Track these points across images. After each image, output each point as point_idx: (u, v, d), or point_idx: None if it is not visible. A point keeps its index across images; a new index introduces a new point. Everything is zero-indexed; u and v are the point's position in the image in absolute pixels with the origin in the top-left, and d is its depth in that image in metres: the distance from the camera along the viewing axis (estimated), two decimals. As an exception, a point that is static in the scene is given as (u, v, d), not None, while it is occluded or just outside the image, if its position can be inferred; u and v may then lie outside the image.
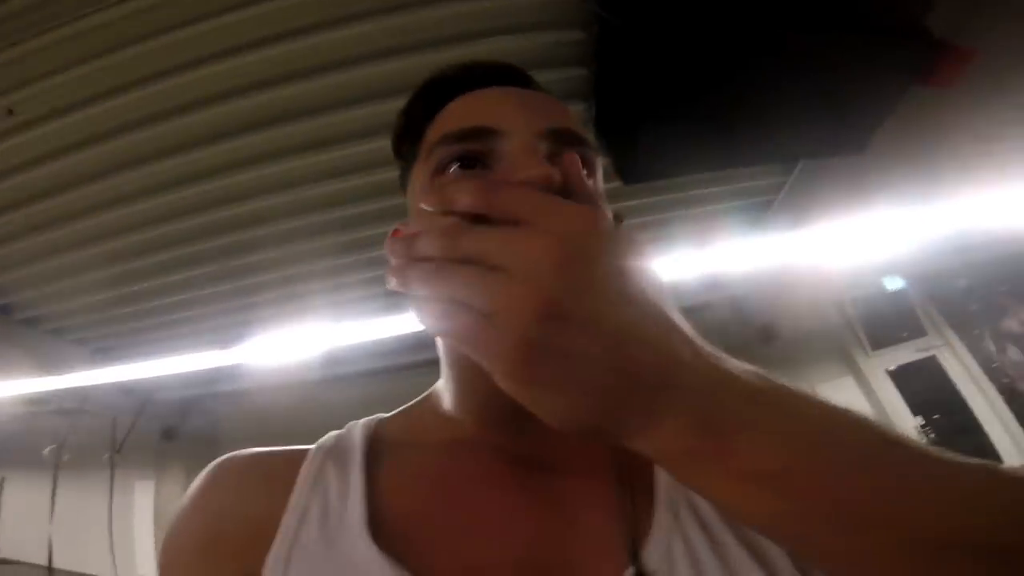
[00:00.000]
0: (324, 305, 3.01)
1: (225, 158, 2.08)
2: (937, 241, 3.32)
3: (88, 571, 4.27)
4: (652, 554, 0.39)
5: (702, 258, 3.00)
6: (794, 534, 0.29)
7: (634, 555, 0.38)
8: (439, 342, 0.49)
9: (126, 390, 4.10)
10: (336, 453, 0.48)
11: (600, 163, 0.48)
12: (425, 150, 0.46)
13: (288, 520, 0.42)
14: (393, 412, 0.54)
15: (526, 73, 0.52)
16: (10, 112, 1.72)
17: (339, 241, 2.59)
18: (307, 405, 4.06)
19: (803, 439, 0.28)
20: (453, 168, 0.43)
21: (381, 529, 0.41)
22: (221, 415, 4.78)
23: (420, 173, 0.47)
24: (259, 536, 0.42)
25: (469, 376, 0.46)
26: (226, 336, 3.28)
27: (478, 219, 0.31)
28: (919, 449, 0.30)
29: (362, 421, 0.53)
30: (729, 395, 0.29)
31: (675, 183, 2.45)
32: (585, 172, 0.42)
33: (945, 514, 0.27)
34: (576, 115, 0.52)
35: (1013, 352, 3.87)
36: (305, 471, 0.46)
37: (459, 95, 0.47)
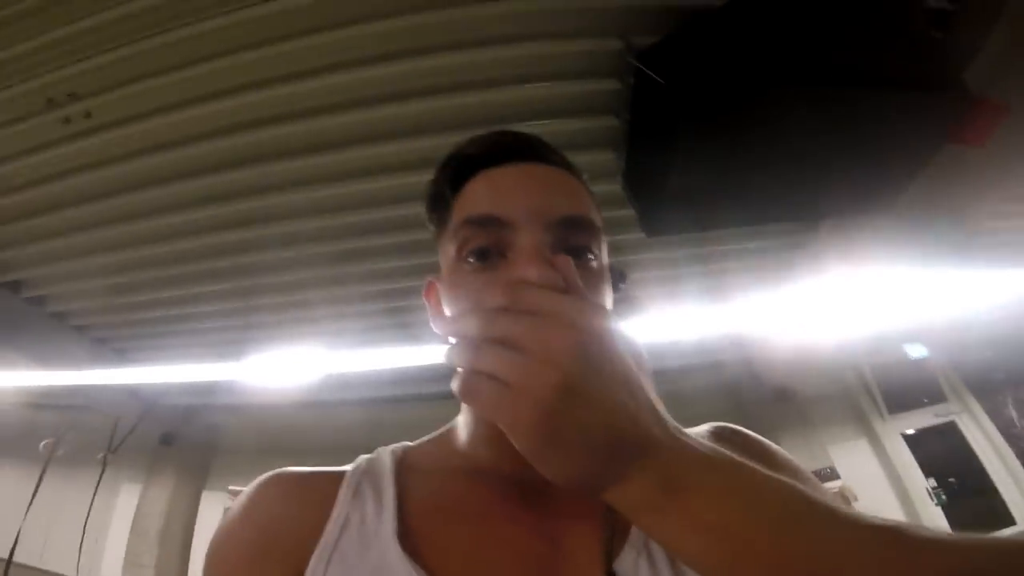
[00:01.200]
0: (325, 331, 3.03)
1: (250, 183, 2.13)
2: (962, 309, 3.25)
3: (51, 568, 4.23)
4: (622, 564, 0.46)
5: (720, 315, 2.96)
6: None
7: (608, 566, 0.46)
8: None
9: (133, 392, 4.12)
10: (371, 474, 0.54)
11: (604, 241, 0.54)
12: (452, 227, 0.52)
13: (330, 528, 0.48)
14: (418, 441, 0.62)
15: (544, 145, 0.56)
16: (88, 115, 1.82)
17: (346, 272, 2.62)
18: (305, 426, 4.07)
19: (741, 501, 0.35)
20: (470, 259, 0.49)
21: (408, 539, 0.47)
22: (221, 425, 4.77)
23: (448, 247, 0.53)
24: (304, 542, 0.48)
25: (487, 425, 0.51)
26: (233, 350, 3.30)
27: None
28: (841, 515, 0.35)
29: (390, 447, 0.59)
30: (687, 462, 0.36)
31: (696, 237, 2.43)
32: (591, 256, 0.50)
33: (862, 570, 0.32)
34: (586, 195, 0.55)
35: None
36: (346, 487, 0.52)
37: (481, 170, 0.53)
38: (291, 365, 3.25)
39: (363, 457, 0.58)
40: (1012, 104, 1.78)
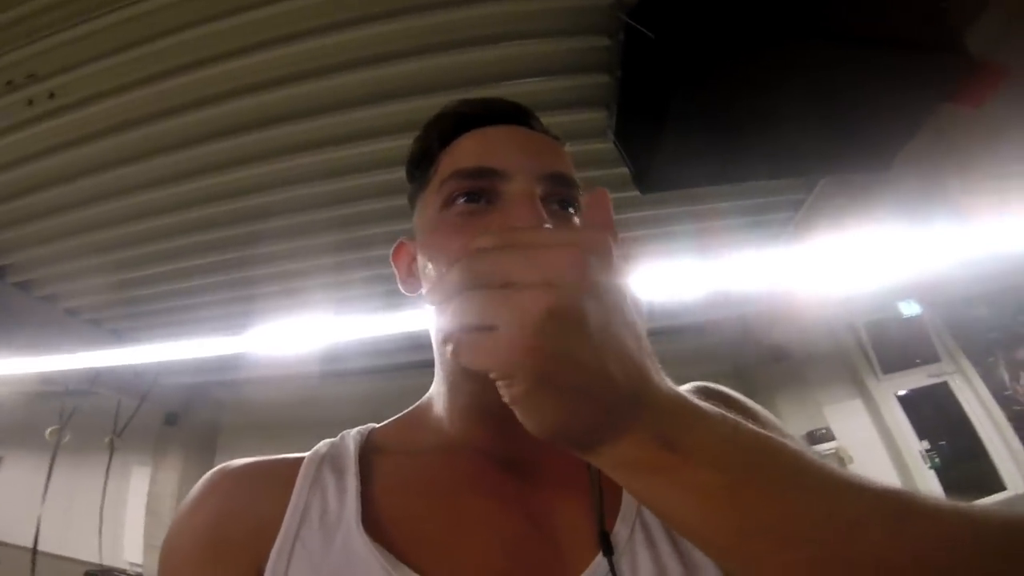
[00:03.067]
0: (326, 300, 3.02)
1: (241, 152, 2.09)
2: (957, 267, 3.26)
3: (74, 555, 4.27)
4: (616, 539, 0.45)
5: (715, 274, 2.96)
6: (733, 548, 0.32)
7: (604, 541, 0.44)
8: (437, 353, 0.55)
9: (135, 373, 4.12)
10: (331, 458, 0.52)
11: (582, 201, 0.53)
12: (437, 180, 0.52)
13: (289, 520, 0.46)
14: (384, 422, 0.59)
15: (531, 113, 0.58)
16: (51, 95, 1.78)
17: (343, 238, 2.60)
18: (308, 399, 4.10)
19: (749, 461, 0.32)
20: (459, 200, 0.50)
21: (375, 526, 0.45)
22: (224, 403, 4.80)
23: (431, 201, 0.53)
24: (262, 535, 0.46)
25: (464, 384, 0.51)
26: (233, 325, 3.30)
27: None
28: (846, 481, 0.33)
29: (355, 430, 0.57)
30: (687, 417, 0.33)
31: (690, 195, 2.41)
32: (571, 210, 0.52)
33: (867, 538, 0.31)
34: (568, 156, 0.56)
35: None
36: (303, 475, 0.50)
37: (470, 130, 0.54)
38: (292, 337, 3.25)
39: (324, 441, 0.56)
40: (1010, 67, 1.77)
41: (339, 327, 3.22)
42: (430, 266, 0.51)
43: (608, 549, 0.44)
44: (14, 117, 1.86)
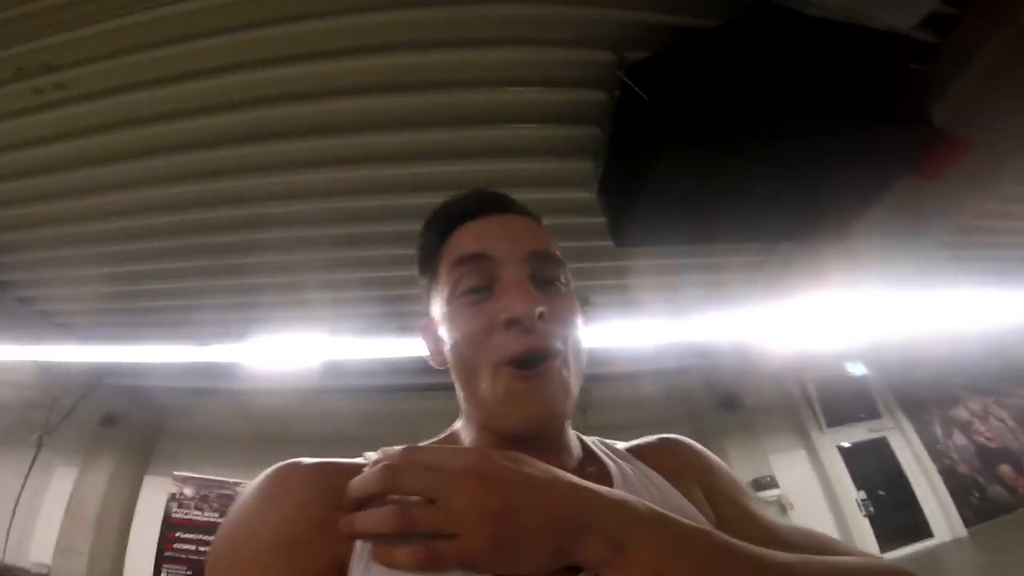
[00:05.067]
0: (291, 319, 2.98)
1: (216, 165, 2.08)
2: (902, 333, 3.48)
3: None
4: None
5: (677, 325, 3.09)
6: None
7: None
8: (459, 397, 0.63)
9: (75, 370, 3.93)
10: None
11: (569, 271, 0.63)
12: (443, 272, 0.61)
13: None
14: (428, 441, 0.65)
15: (514, 201, 0.67)
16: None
17: (307, 258, 2.59)
18: (258, 415, 3.98)
19: (672, 552, 0.44)
20: (464, 291, 0.58)
21: None
22: (168, 410, 4.61)
23: (442, 289, 0.61)
24: (335, 538, 0.47)
25: (484, 426, 0.59)
26: (193, 334, 3.20)
27: None
28: (756, 557, 0.46)
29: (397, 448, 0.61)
30: (627, 524, 0.44)
31: (661, 251, 2.50)
32: (561, 283, 0.61)
33: None
34: (549, 236, 0.65)
35: (958, 437, 4.29)
36: None
37: (463, 223, 0.62)
38: (251, 352, 3.18)
39: (370, 453, 0.58)
40: (974, 140, 1.84)
41: (302, 346, 3.18)
42: (450, 346, 0.59)
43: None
44: (18, 104, 1.83)
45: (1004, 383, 4.34)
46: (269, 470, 0.53)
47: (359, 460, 0.57)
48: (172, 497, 4.35)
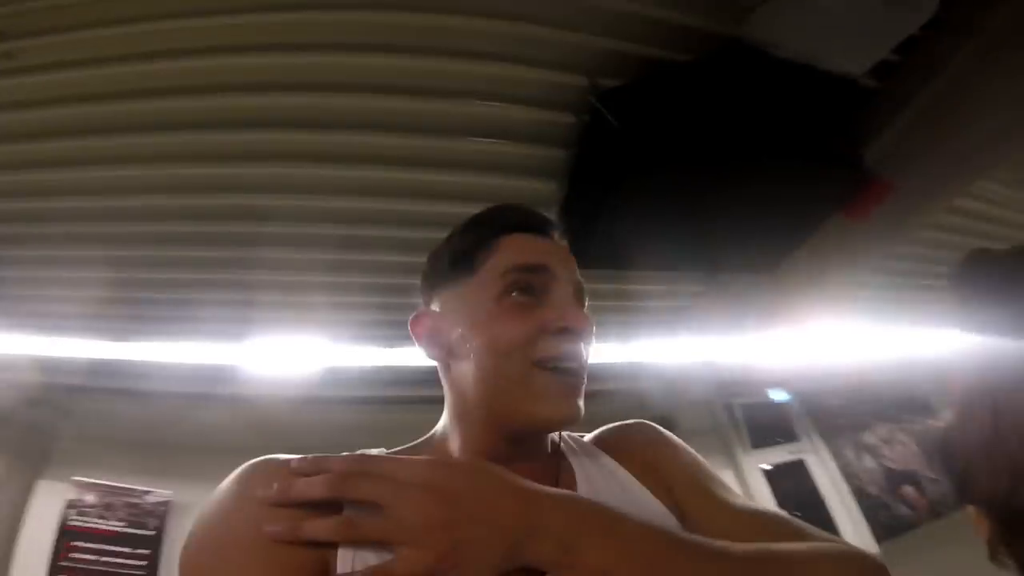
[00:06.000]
0: (230, 318, 2.82)
1: (174, 150, 1.91)
2: (823, 361, 3.76)
3: None
4: None
5: (614, 348, 3.27)
6: None
7: None
8: (455, 402, 0.66)
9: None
10: None
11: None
12: (495, 271, 0.63)
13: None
14: (395, 448, 0.67)
15: (558, 227, 0.73)
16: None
17: (264, 255, 2.43)
18: (178, 420, 3.70)
19: (619, 549, 0.45)
20: (514, 293, 0.61)
21: None
22: (71, 412, 4.20)
23: (484, 287, 0.63)
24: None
25: (490, 422, 0.62)
26: (104, 326, 2.93)
27: None
28: (704, 549, 0.48)
29: (372, 451, 0.63)
30: (576, 524, 0.46)
31: (606, 276, 2.55)
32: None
33: None
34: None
35: (867, 460, 4.58)
36: None
37: (520, 232, 0.66)
38: (176, 351, 2.97)
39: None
40: (898, 183, 1.99)
41: (232, 348, 3.00)
42: (481, 342, 0.61)
43: None
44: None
45: (907, 411, 4.73)
46: (244, 466, 0.52)
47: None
48: (71, 504, 3.96)
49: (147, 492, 4.18)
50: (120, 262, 2.51)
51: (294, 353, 3.02)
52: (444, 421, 0.68)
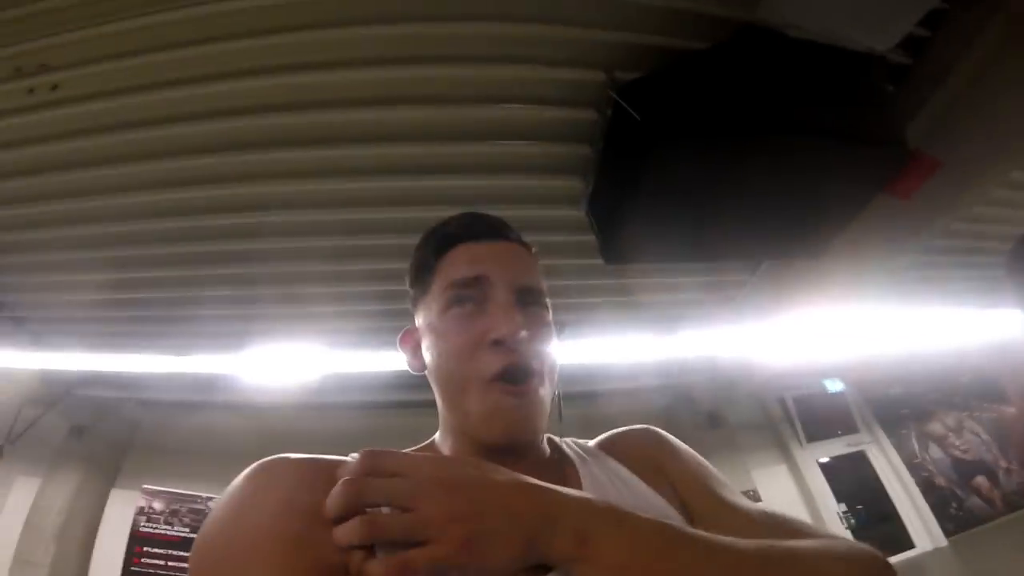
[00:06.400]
0: (274, 331, 2.93)
1: (210, 173, 2.04)
2: (879, 348, 3.57)
3: None
4: None
5: (660, 343, 3.13)
6: None
7: None
8: (440, 411, 0.67)
9: (45, 379, 3.80)
10: None
11: (548, 304, 0.68)
12: (438, 288, 0.65)
13: None
14: (409, 449, 0.65)
15: (508, 227, 0.71)
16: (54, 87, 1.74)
17: (300, 270, 2.55)
18: (228, 428, 3.89)
19: (634, 543, 0.46)
20: (454, 308, 0.63)
21: None
22: (139, 424, 4.48)
23: (432, 305, 0.65)
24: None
25: (464, 434, 0.63)
26: (170, 345, 3.12)
27: None
28: (713, 544, 0.48)
29: None
30: (591, 518, 0.47)
31: (646, 270, 2.52)
32: (542, 311, 0.66)
33: None
34: (537, 267, 0.70)
35: (934, 450, 4.38)
36: None
37: (460, 244, 0.66)
38: (231, 364, 3.11)
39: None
40: (944, 159, 1.90)
41: (284, 360, 3.12)
42: (435, 357, 0.63)
43: None
44: (10, 103, 1.80)
45: (975, 398, 4.45)
46: (255, 464, 0.51)
47: (347, 459, 0.54)
48: (140, 511, 4.22)
49: (210, 498, 4.41)
50: (167, 283, 2.67)
51: (349, 362, 3.13)
52: (439, 428, 0.69)
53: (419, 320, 0.69)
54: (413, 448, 0.67)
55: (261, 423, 3.88)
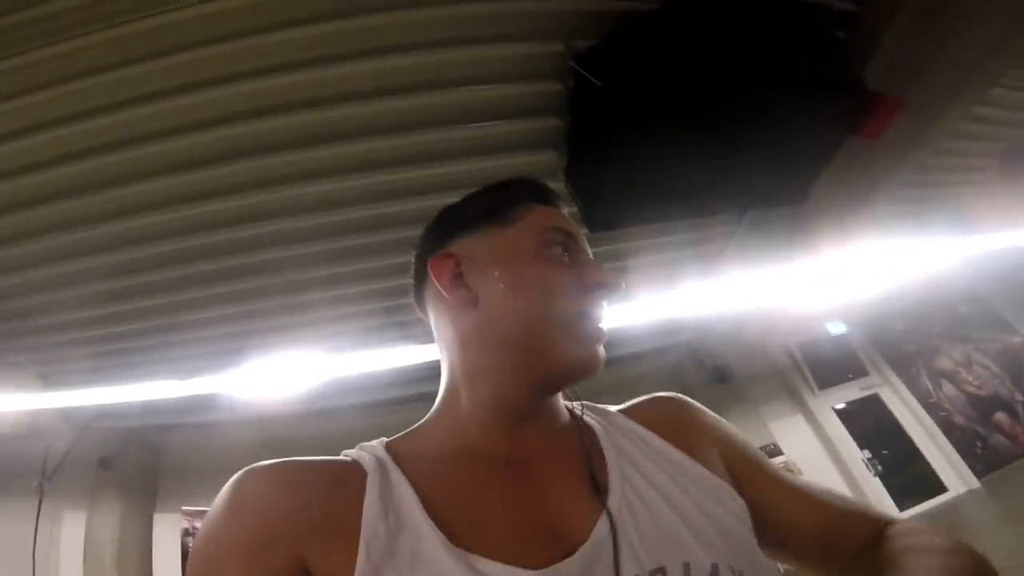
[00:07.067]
0: (277, 342, 2.97)
1: (195, 189, 2.06)
2: (875, 287, 3.56)
3: None
4: (612, 500, 0.55)
5: (660, 304, 3.14)
6: None
7: (595, 486, 0.57)
8: (458, 361, 0.66)
9: (64, 416, 3.88)
10: (380, 463, 0.58)
11: None
12: (531, 226, 0.66)
13: (369, 515, 0.51)
14: (395, 436, 0.65)
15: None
16: None
17: (302, 278, 2.58)
18: (250, 442, 3.97)
19: None
20: (556, 248, 0.65)
21: (431, 514, 0.52)
22: (161, 448, 4.58)
23: (517, 238, 0.65)
24: (333, 528, 0.50)
25: (486, 412, 0.62)
26: (174, 369, 3.17)
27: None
28: None
29: (372, 442, 0.63)
30: None
31: (634, 232, 2.54)
32: None
33: None
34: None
35: (947, 388, 4.31)
36: (371, 477, 0.55)
37: (551, 204, 0.71)
38: (246, 379, 3.16)
39: (349, 451, 0.61)
40: (905, 98, 1.95)
41: (300, 367, 3.16)
42: (516, 287, 0.62)
43: (604, 494, 0.56)
44: None
45: (979, 329, 4.40)
46: (231, 479, 0.54)
47: (340, 458, 0.59)
48: (186, 532, 4.32)
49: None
50: (164, 309, 2.71)
51: (361, 362, 3.17)
52: (448, 388, 0.66)
53: (471, 249, 0.66)
54: (405, 433, 0.66)
55: (279, 432, 3.96)
